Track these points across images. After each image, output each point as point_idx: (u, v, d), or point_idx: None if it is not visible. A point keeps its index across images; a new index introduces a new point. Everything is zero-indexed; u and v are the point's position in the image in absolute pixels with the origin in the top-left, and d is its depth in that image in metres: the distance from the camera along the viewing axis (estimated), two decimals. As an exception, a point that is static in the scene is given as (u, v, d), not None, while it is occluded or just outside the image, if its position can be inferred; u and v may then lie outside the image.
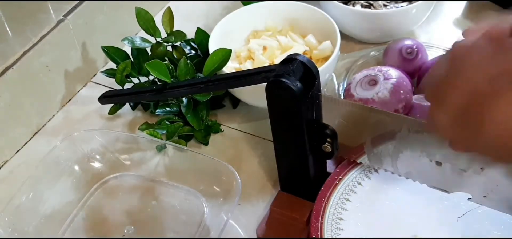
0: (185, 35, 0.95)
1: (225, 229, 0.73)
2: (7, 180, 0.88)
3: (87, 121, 0.96)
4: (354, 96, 0.84)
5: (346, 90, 0.88)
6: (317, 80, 0.69)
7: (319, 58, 0.92)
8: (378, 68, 0.86)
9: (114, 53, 0.94)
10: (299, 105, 0.67)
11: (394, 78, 0.84)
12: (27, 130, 0.93)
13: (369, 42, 1.02)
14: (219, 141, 0.91)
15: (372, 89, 0.83)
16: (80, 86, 1.01)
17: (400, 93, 0.83)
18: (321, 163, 0.77)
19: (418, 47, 0.93)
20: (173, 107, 0.89)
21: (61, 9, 0.96)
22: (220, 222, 0.74)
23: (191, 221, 0.78)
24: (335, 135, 0.70)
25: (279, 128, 0.72)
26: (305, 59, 0.69)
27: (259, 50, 0.92)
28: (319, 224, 0.71)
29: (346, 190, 0.74)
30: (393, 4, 0.99)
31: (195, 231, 0.77)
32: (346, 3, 1.00)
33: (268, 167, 0.85)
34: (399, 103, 0.82)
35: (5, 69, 0.87)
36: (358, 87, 0.85)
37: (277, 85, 0.67)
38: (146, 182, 0.83)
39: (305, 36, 0.96)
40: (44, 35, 0.92)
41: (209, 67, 0.86)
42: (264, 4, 0.98)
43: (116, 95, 0.92)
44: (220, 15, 1.04)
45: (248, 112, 0.94)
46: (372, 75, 0.85)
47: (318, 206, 0.73)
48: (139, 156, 0.84)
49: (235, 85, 0.80)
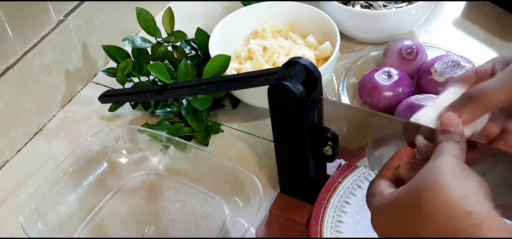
0: (185, 35, 0.95)
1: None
2: (7, 180, 0.88)
3: (87, 121, 0.96)
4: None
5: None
6: (319, 83, 0.69)
7: (319, 59, 0.93)
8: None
9: (115, 52, 0.94)
10: (301, 108, 0.67)
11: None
12: (27, 130, 0.93)
13: (369, 42, 1.02)
14: (219, 141, 0.91)
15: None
16: (81, 86, 1.01)
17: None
18: (321, 166, 0.78)
19: (418, 47, 0.93)
20: (174, 107, 0.90)
21: (61, 9, 0.96)
22: (240, 229, 0.75)
23: (212, 227, 0.78)
24: (336, 139, 0.70)
25: (280, 130, 0.72)
26: (308, 62, 0.69)
27: (259, 50, 0.92)
28: (319, 227, 0.72)
29: (346, 193, 0.75)
30: (393, 4, 1.00)
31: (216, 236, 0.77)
32: (346, 4, 1.01)
33: (268, 168, 0.85)
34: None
35: (6, 69, 0.87)
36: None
37: (279, 88, 0.67)
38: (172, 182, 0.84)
39: (305, 36, 0.96)
40: (45, 35, 0.92)
41: (208, 73, 0.86)
42: (264, 4, 0.99)
43: (116, 95, 0.92)
44: (220, 15, 1.04)
45: (248, 112, 0.94)
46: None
47: (318, 208, 0.73)
48: (166, 156, 0.85)
49: (236, 87, 0.80)
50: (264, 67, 0.90)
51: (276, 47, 0.93)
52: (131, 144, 0.85)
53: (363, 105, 0.90)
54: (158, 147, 0.85)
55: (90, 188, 0.82)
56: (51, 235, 0.76)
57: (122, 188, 0.84)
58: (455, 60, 0.89)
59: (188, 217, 0.80)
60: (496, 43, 1.01)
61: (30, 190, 0.84)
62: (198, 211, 0.80)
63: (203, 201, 0.81)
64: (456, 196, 0.48)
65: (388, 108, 0.88)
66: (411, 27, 1.02)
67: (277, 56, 0.92)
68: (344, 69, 0.97)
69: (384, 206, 0.53)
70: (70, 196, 0.81)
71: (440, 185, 0.49)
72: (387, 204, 0.53)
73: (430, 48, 0.97)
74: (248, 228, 0.74)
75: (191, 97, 0.87)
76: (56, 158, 0.89)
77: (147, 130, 0.85)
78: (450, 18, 1.06)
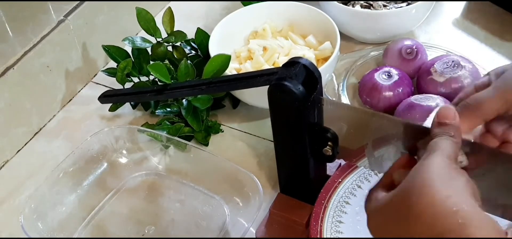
0: (185, 35, 0.95)
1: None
2: (7, 180, 0.88)
3: (87, 121, 0.96)
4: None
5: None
6: (319, 83, 0.69)
7: (319, 58, 0.93)
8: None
9: (115, 52, 0.94)
10: (301, 108, 0.67)
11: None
12: (27, 130, 0.93)
13: (369, 42, 1.02)
14: (219, 141, 0.91)
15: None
16: (81, 86, 1.01)
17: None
18: (322, 166, 0.78)
19: (418, 47, 0.93)
20: (174, 107, 0.90)
21: (61, 10, 0.96)
22: (240, 229, 0.75)
23: (212, 227, 0.78)
24: (336, 139, 0.70)
25: (281, 130, 0.72)
26: (308, 63, 0.69)
27: (259, 50, 0.92)
28: (319, 227, 0.72)
29: (346, 193, 0.75)
30: (393, 4, 1.00)
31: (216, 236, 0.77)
32: (346, 4, 1.01)
33: (268, 168, 0.85)
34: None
35: (6, 69, 0.87)
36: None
37: (279, 89, 0.67)
38: (172, 182, 0.84)
39: (305, 36, 0.96)
40: (45, 35, 0.92)
41: (208, 72, 0.86)
42: (264, 4, 0.99)
43: (116, 95, 0.92)
44: (220, 15, 1.04)
45: (248, 112, 0.94)
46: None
47: (318, 209, 0.73)
48: (166, 155, 0.85)
49: (236, 87, 0.80)
50: (264, 67, 0.90)
51: (276, 47, 0.93)
52: (131, 144, 0.85)
53: (363, 105, 0.90)
54: (158, 147, 0.85)
55: (90, 188, 0.82)
56: (51, 235, 0.76)
57: (122, 188, 0.84)
58: (455, 60, 0.89)
59: (188, 217, 0.80)
60: (496, 43, 1.01)
61: (30, 190, 0.84)
62: (198, 211, 0.80)
63: (203, 201, 0.81)
64: (442, 196, 0.49)
65: (388, 108, 0.88)
66: (411, 27, 1.02)
67: (277, 56, 0.92)
68: (344, 69, 0.97)
69: (378, 209, 0.54)
70: (70, 196, 0.81)
71: (427, 186, 0.50)
72: (380, 207, 0.54)
73: (430, 48, 0.97)
74: (248, 228, 0.74)
75: (191, 97, 0.87)
76: (56, 158, 0.89)
77: (147, 130, 0.85)
78: (450, 18, 1.06)
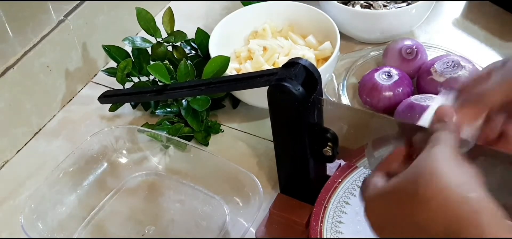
0: (185, 35, 0.95)
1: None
2: (7, 180, 0.88)
3: (87, 121, 0.96)
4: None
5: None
6: (319, 84, 0.69)
7: (319, 59, 0.93)
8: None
9: (115, 52, 0.94)
10: (300, 109, 0.67)
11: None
12: (27, 130, 0.93)
13: (369, 42, 1.02)
14: (219, 141, 0.91)
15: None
16: (81, 86, 1.01)
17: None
18: (321, 166, 0.78)
19: (418, 47, 0.93)
20: (174, 107, 0.90)
21: (61, 9, 0.96)
22: (240, 229, 0.75)
23: (212, 227, 0.78)
24: (336, 139, 0.70)
25: (280, 131, 0.72)
26: (307, 63, 0.69)
27: (259, 50, 0.92)
28: (319, 227, 0.72)
29: (346, 193, 0.75)
30: (393, 4, 1.00)
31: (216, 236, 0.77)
32: (346, 4, 1.01)
33: (267, 168, 0.85)
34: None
35: (6, 69, 0.87)
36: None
37: (279, 89, 0.67)
38: (172, 182, 0.84)
39: (305, 36, 0.96)
40: (45, 35, 0.92)
41: (208, 73, 0.86)
42: (264, 4, 0.99)
43: (116, 95, 0.92)
44: (220, 15, 1.04)
45: (248, 112, 0.94)
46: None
47: (318, 209, 0.73)
48: (166, 155, 0.85)
49: (236, 88, 0.80)
50: (264, 67, 0.90)
51: (276, 47, 0.93)
52: (131, 144, 0.85)
53: (363, 105, 0.90)
54: (158, 147, 0.85)
55: (90, 188, 0.82)
56: (51, 235, 0.77)
57: (122, 188, 0.84)
58: (455, 60, 0.89)
59: (188, 217, 0.80)
60: (496, 43, 1.00)
61: (30, 190, 0.84)
62: (198, 211, 0.80)
63: (203, 201, 0.81)
64: (455, 182, 0.48)
65: (388, 108, 0.88)
66: (411, 27, 1.02)
67: (277, 56, 0.92)
68: (344, 69, 0.97)
69: (378, 196, 0.53)
70: (70, 196, 0.81)
71: (438, 173, 0.49)
72: (381, 193, 0.53)
73: (430, 48, 0.97)
74: (248, 228, 0.74)
75: (190, 98, 0.87)
76: (56, 158, 0.89)
77: (147, 130, 0.85)
78: (450, 18, 1.06)
